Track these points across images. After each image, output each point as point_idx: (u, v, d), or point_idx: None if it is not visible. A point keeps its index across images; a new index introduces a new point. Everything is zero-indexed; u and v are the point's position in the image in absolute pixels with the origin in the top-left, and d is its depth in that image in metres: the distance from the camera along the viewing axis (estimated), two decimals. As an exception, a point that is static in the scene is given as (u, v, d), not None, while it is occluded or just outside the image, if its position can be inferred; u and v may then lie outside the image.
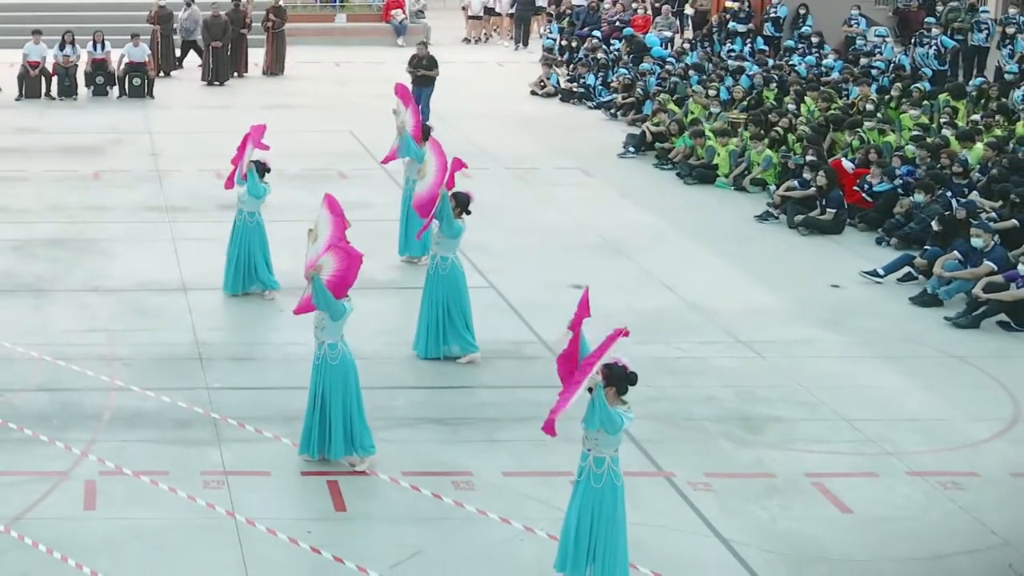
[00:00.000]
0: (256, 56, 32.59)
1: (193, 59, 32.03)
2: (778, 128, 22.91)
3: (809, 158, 20.88)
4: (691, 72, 28.61)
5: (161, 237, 18.77)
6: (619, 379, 9.64)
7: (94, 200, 20.65)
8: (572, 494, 9.79)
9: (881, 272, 17.47)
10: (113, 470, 11.63)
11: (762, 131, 22.55)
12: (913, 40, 31.06)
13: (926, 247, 17.68)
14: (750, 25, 33.60)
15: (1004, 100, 25.52)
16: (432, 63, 27.08)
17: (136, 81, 29.10)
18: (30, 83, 28.83)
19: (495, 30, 39.10)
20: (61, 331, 15.02)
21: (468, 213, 14.31)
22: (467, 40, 38.62)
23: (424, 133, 17.68)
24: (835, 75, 28.64)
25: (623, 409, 9.60)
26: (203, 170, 22.65)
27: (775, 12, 33.67)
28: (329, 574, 10.12)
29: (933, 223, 17.86)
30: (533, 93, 30.44)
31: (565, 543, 9.77)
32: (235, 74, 31.64)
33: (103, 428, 12.53)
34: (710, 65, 29.61)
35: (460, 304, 14.27)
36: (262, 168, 16.11)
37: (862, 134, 22.49)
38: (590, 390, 9.50)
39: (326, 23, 37.39)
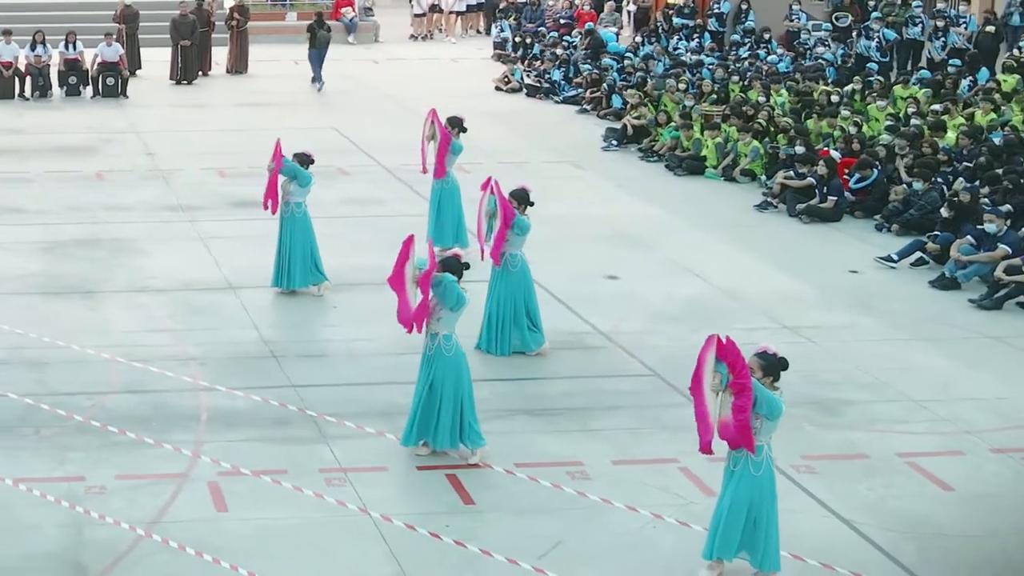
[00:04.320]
0: (218, 55, 32.05)
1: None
2: (760, 120, 23.04)
3: (799, 149, 21.05)
4: (651, 65, 28.73)
5: (188, 236, 18.35)
6: (773, 367, 9.60)
7: (110, 200, 20.14)
8: (725, 482, 9.72)
9: (895, 257, 17.64)
10: (230, 470, 11.32)
11: (747, 123, 22.67)
12: (856, 33, 31.47)
13: (936, 232, 17.89)
14: (697, 20, 33.74)
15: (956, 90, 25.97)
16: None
17: (110, 81, 28.43)
18: (3, 83, 28.03)
19: (439, 27, 38.81)
20: (124, 332, 14.62)
21: (531, 205, 14.16)
22: (413, 37, 38.30)
23: (453, 124, 17.42)
24: (782, 68, 28.99)
25: (777, 395, 9.56)
26: (205, 168, 22.24)
27: (718, 8, 33.85)
28: (481, 567, 9.94)
29: (943, 209, 18.06)
30: (498, 89, 30.27)
31: (715, 529, 9.73)
32: (200, 73, 31.05)
33: (204, 429, 12.21)
34: (667, 59, 29.74)
35: (530, 299, 14.12)
36: (306, 159, 15.80)
37: (842, 124, 22.72)
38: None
39: (277, 21, 36.83)
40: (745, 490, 9.59)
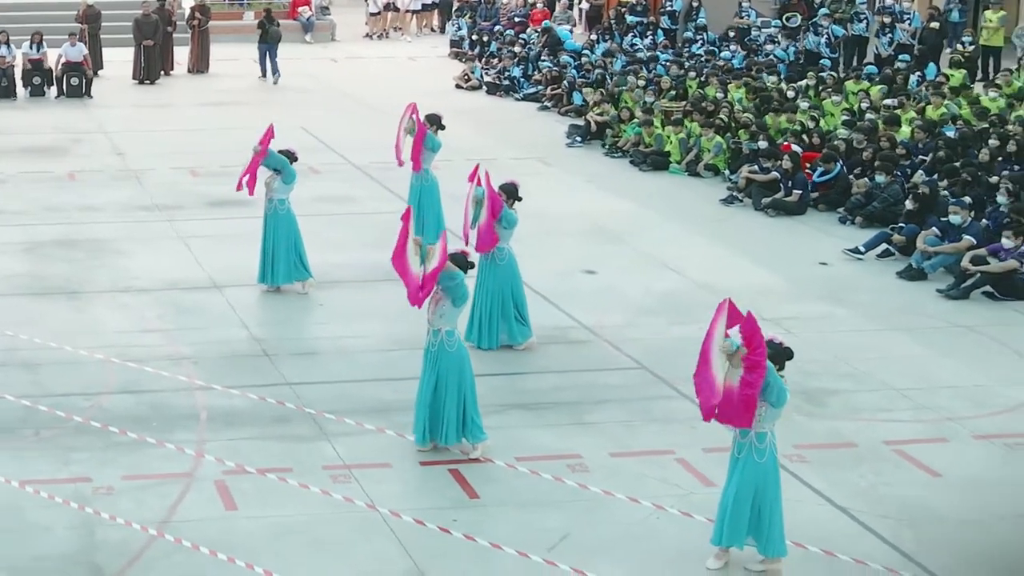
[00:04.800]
0: (179, 54, 31.71)
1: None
2: (721, 116, 23.09)
3: (762, 144, 21.13)
4: (609, 63, 28.75)
5: (167, 236, 18.14)
6: (779, 355, 9.63)
7: (83, 201, 19.87)
8: (731, 469, 9.72)
9: (862, 249, 17.75)
10: (235, 469, 11.20)
11: (709, 119, 22.73)
12: (806, 29, 31.64)
13: (901, 224, 18.01)
14: (651, 18, 33.79)
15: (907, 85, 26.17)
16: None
17: (74, 81, 28.05)
18: (-32, 85, 27.65)
19: (395, 26, 38.60)
20: (115, 332, 14.43)
21: (519, 200, 14.11)
22: (369, 36, 38.09)
23: (431, 120, 17.31)
24: (736, 64, 29.09)
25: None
26: (175, 168, 22.00)
27: (671, 5, 33.91)
28: (493, 560, 9.89)
29: (907, 202, 18.19)
30: (458, 86, 30.15)
31: (723, 517, 9.73)
32: (162, 72, 30.71)
33: (205, 428, 12.07)
34: (623, 57, 29.76)
35: (518, 292, 14.08)
36: (290, 156, 15.65)
37: (800, 119, 22.83)
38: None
39: (234, 20, 36.48)
40: (750, 477, 9.59)
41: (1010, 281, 16.12)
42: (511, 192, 14.01)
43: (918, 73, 27.41)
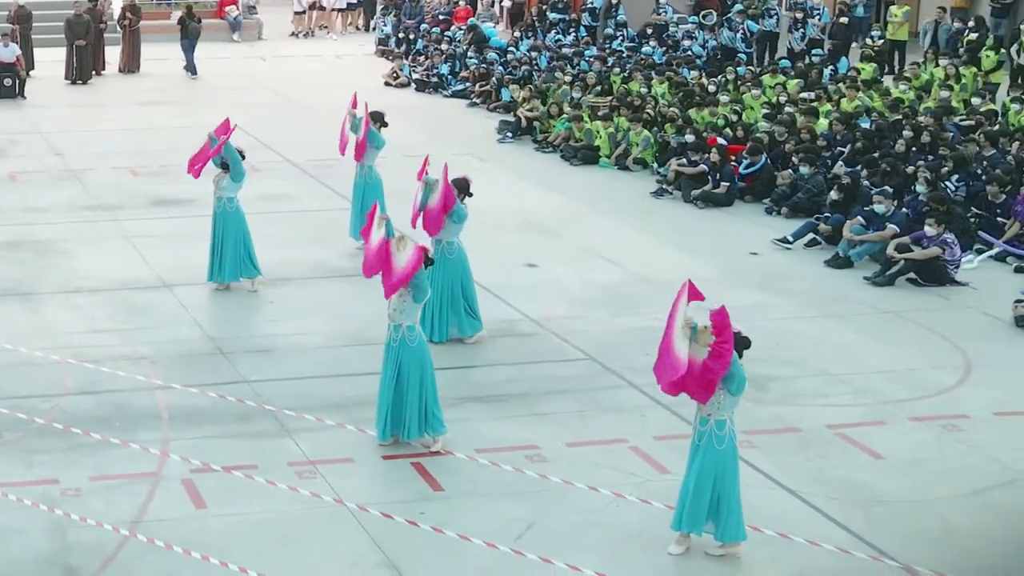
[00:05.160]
0: (110, 54, 31.27)
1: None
2: (648, 111, 23.24)
3: (689, 138, 21.29)
4: (536, 59, 28.80)
5: (113, 236, 17.91)
6: (740, 344, 9.76)
7: (26, 202, 19.53)
8: (691, 457, 9.81)
9: (791, 239, 17.97)
10: (201, 467, 11.10)
11: (637, 114, 22.86)
12: (721, 25, 31.90)
13: (827, 214, 18.25)
14: (572, 15, 33.88)
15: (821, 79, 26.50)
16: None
17: (7, 82, 27.55)
18: (-101, 87, 27.05)
19: (321, 25, 38.34)
20: (69, 333, 14.22)
21: (470, 195, 14.11)
22: (295, 34, 37.79)
23: (375, 118, 17.24)
24: (656, 59, 29.28)
25: (741, 373, 9.71)
26: (116, 168, 21.74)
27: (591, 3, 34.01)
28: (462, 551, 9.90)
29: (832, 192, 18.43)
30: (387, 84, 30.01)
31: (683, 503, 9.82)
32: (94, 72, 30.27)
33: (168, 427, 11.95)
34: (547, 53, 29.81)
35: (468, 285, 14.08)
36: (239, 154, 15.53)
37: (723, 113, 23.04)
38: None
39: (162, 20, 36.00)
40: (710, 464, 9.69)
41: (932, 268, 16.40)
42: (463, 187, 14.01)
43: (831, 67, 27.79)
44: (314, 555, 9.81)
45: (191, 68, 30.81)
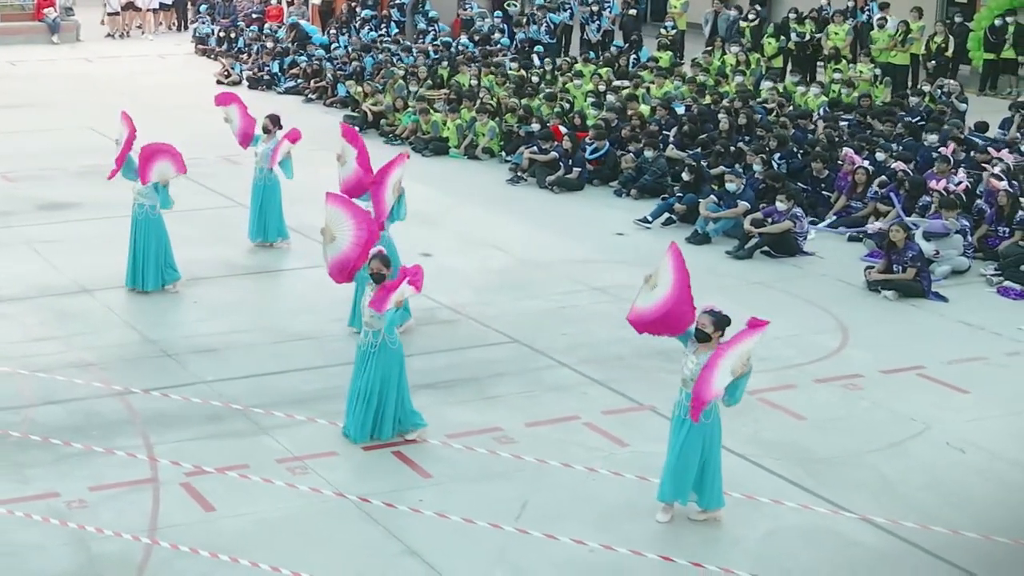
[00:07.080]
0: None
1: None
2: (491, 102, 23.19)
3: (535, 127, 21.36)
4: (362, 56, 28.34)
5: (11, 242, 16.84)
6: (722, 322, 10.13)
7: (-90, 212, 18.22)
8: (673, 430, 9.91)
9: (650, 219, 18.27)
10: (194, 470, 10.60)
11: (481, 105, 22.78)
12: (525, 19, 32.04)
13: (679, 194, 18.61)
14: (382, 11, 33.45)
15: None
16: None
17: None
18: None
19: (137, 25, 36.77)
20: (7, 343, 13.33)
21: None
22: (110, 35, 36.14)
23: (274, 121, 16.76)
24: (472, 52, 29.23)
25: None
26: (-14, 174, 20.43)
27: (399, -1, 33.70)
28: (470, 534, 9.76)
29: (684, 174, 18.76)
30: (219, 82, 29.02)
31: (668, 475, 9.92)
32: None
33: (147, 432, 11.36)
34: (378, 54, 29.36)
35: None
36: None
37: (561, 103, 23.19)
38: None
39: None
40: (696, 438, 9.79)
41: (785, 240, 16.94)
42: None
43: (634, 56, 28.30)
44: (337, 548, 9.53)
45: None
